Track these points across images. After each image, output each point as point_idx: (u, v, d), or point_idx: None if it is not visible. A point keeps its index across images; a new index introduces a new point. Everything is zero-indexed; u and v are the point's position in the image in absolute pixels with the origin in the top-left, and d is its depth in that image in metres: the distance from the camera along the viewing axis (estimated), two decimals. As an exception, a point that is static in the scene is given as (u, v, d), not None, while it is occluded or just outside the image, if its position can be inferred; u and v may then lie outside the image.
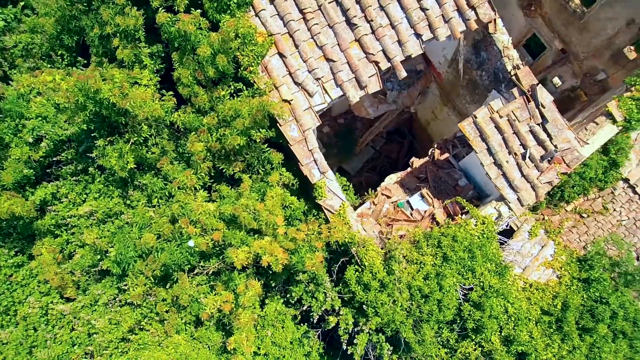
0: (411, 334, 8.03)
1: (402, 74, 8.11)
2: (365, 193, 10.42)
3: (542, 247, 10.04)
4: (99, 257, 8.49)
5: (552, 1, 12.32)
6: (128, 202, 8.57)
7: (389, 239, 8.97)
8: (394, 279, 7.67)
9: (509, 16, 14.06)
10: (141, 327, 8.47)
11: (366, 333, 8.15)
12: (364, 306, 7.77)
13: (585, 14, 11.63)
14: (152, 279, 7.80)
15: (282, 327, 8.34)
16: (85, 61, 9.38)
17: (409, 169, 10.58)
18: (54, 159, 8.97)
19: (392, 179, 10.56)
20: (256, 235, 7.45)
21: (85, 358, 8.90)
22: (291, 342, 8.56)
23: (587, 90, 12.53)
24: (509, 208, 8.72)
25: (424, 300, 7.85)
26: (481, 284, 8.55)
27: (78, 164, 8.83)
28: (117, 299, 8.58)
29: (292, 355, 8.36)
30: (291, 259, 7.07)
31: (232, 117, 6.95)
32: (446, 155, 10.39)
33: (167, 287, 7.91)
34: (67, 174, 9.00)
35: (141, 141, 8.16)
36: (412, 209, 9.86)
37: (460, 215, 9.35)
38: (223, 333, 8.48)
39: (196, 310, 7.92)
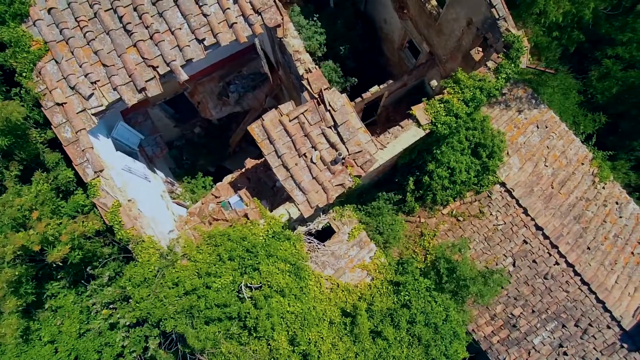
0: (186, 328, 8.31)
1: (182, 77, 8.40)
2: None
3: (361, 249, 10.04)
4: None
5: (414, 3, 12.29)
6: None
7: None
8: (157, 275, 7.97)
9: (390, 19, 14.09)
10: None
11: (148, 327, 8.50)
12: (130, 300, 8.12)
13: (439, 16, 11.57)
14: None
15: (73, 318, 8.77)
16: None
17: (243, 170, 10.82)
18: None
19: (227, 179, 10.83)
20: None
21: None
22: (86, 332, 8.99)
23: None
24: (298, 209, 8.83)
25: (188, 296, 8.10)
26: (268, 283, 8.72)
27: None
28: None
29: (82, 344, 8.77)
30: (45, 250, 7.53)
31: (-13, 119, 7.45)
32: (275, 156, 10.54)
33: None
34: None
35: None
36: (232, 208, 10.11)
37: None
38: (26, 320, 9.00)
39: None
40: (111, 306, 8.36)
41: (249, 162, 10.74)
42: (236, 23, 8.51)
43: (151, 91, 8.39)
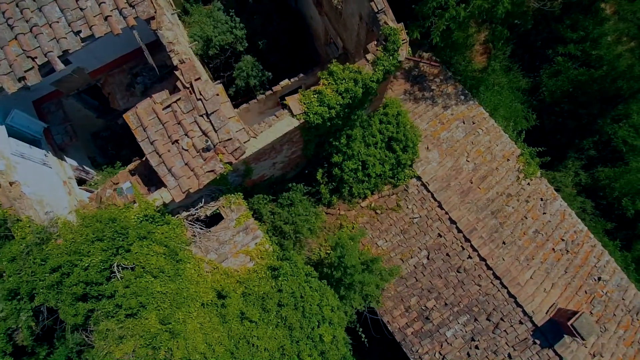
0: (56, 303, 8.84)
1: (58, 67, 8.95)
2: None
3: (246, 235, 10.39)
4: None
5: (326, -1, 12.57)
6: None
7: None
8: (24, 251, 8.52)
9: (313, 15, 14.41)
10: None
11: (26, 301, 9.05)
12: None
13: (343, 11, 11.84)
14: None
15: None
16: None
17: (143, 158, 11.31)
18: None
19: (129, 167, 11.34)
20: None
21: None
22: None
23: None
24: (170, 194, 9.24)
25: (55, 273, 8.62)
26: (140, 264, 9.16)
27: None
28: None
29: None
30: None
31: None
32: (173, 145, 10.99)
33: None
34: None
35: None
36: (124, 194, 10.59)
37: (157, 201, 9.96)
38: None
39: None
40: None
41: (150, 151, 11.22)
42: (110, 16, 9.01)
43: (30, 80, 8.95)
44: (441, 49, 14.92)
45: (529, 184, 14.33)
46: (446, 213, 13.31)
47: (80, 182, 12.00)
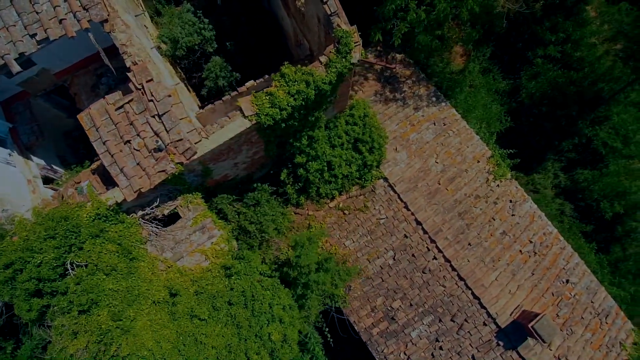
0: (11, 299, 9.07)
1: (14, 69, 9.17)
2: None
3: (203, 234, 10.54)
4: None
5: (291, 0, 12.69)
6: None
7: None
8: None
9: (283, 16, 14.53)
10: None
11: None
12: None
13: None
14: None
15: None
16: None
17: (108, 158, 11.50)
18: None
19: (91, 167, 11.56)
20: None
21: None
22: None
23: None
24: (122, 193, 9.42)
25: (7, 269, 8.85)
26: (93, 261, 9.36)
27: None
28: None
29: None
30: None
31: None
32: (135, 146, 11.17)
33: None
34: None
35: None
36: (84, 193, 10.80)
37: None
38: None
39: None
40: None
41: (113, 151, 11.42)
42: (65, 19, 9.21)
43: (-11, 81, 9.20)
44: (415, 51, 14.95)
45: (498, 185, 14.32)
46: (412, 214, 13.36)
47: (48, 181, 12.25)
